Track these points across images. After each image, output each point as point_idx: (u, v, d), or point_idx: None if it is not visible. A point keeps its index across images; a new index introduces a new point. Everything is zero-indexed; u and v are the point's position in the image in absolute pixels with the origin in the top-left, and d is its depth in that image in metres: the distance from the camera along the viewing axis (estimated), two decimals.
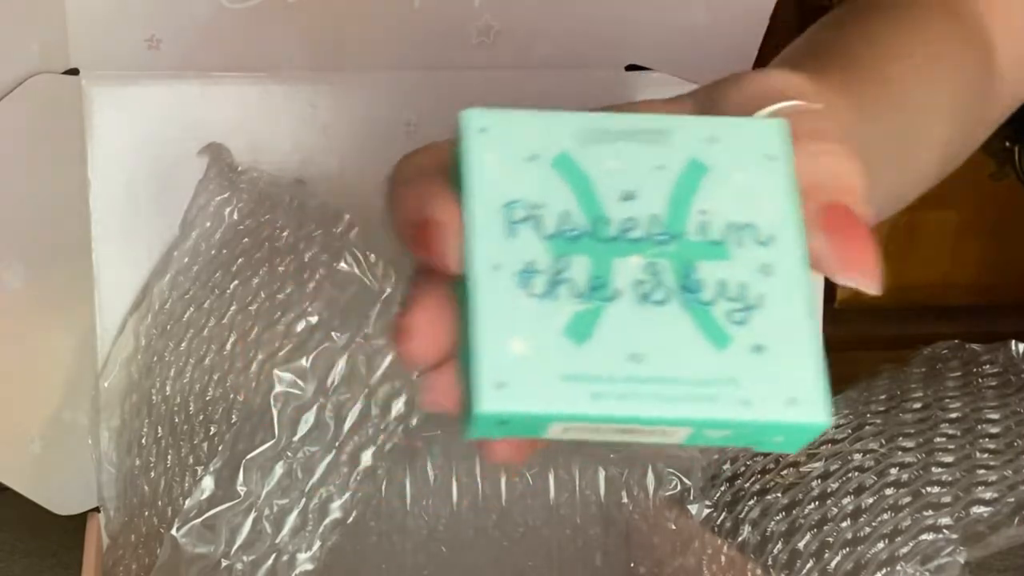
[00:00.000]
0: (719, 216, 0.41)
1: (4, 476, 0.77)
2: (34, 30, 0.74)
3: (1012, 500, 0.67)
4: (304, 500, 0.68)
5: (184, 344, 0.74)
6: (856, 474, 0.72)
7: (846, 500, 0.71)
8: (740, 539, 0.73)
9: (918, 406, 0.75)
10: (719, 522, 0.74)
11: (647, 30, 0.78)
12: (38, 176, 0.76)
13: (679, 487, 0.75)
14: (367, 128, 0.78)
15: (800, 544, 0.70)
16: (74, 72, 0.75)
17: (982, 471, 0.70)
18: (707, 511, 0.75)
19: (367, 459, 0.69)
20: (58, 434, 0.78)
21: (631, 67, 0.78)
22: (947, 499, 0.68)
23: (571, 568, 0.77)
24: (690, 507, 0.75)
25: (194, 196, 0.76)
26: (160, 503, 0.74)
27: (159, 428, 0.74)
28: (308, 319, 0.70)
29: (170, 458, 0.73)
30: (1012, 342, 0.79)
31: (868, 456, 0.72)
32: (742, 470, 0.75)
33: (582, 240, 0.40)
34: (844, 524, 0.70)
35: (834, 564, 0.68)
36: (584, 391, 0.39)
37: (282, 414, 0.68)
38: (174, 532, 0.68)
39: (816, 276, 0.42)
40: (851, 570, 0.68)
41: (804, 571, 0.69)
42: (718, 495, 0.75)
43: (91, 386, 0.78)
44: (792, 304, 0.40)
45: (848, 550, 0.69)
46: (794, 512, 0.72)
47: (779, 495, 0.73)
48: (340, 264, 0.68)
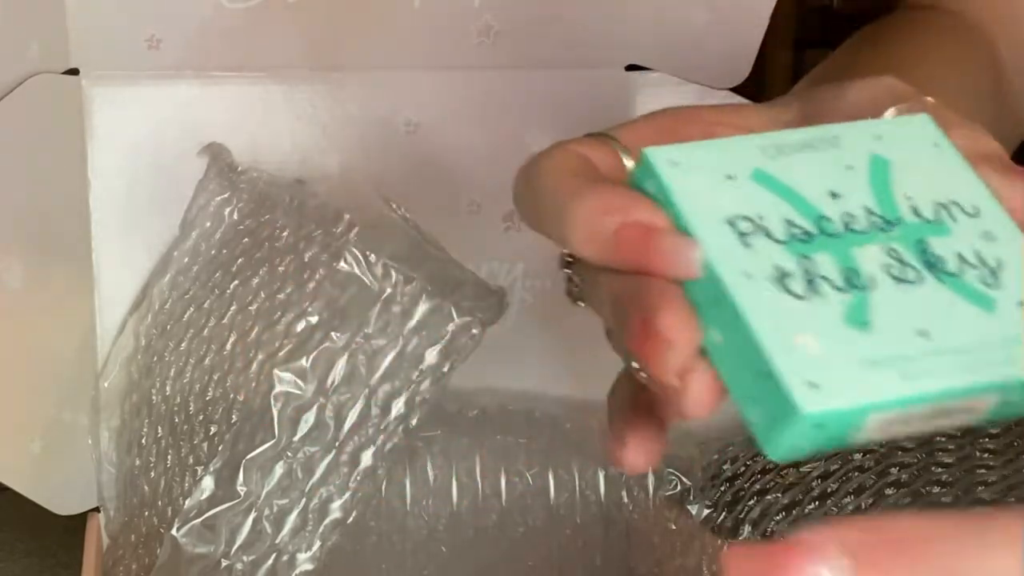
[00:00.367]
0: (923, 198, 0.43)
1: (4, 476, 0.77)
2: (34, 30, 0.74)
3: (1012, 500, 0.67)
4: (304, 500, 0.68)
5: (184, 344, 0.74)
6: (856, 474, 0.72)
7: (846, 500, 0.71)
8: (740, 539, 0.73)
9: None
10: (719, 522, 0.74)
11: (647, 30, 0.78)
12: (38, 176, 0.76)
13: (679, 487, 0.75)
14: (367, 128, 0.78)
15: None
16: (74, 72, 0.75)
17: (982, 471, 0.70)
18: (707, 511, 0.74)
19: (367, 459, 0.69)
20: (58, 434, 0.78)
21: (631, 67, 0.78)
22: (947, 499, 0.68)
23: (571, 568, 0.77)
24: (690, 507, 0.75)
25: (194, 196, 0.76)
26: (160, 503, 0.73)
27: (159, 428, 0.74)
28: (308, 319, 0.69)
29: (170, 458, 0.73)
30: None
31: (868, 456, 0.72)
32: (742, 470, 0.75)
33: (815, 240, 0.42)
34: None
35: None
36: (892, 373, 0.39)
37: (282, 414, 0.68)
38: (174, 532, 0.68)
39: None
40: None
41: None
42: (718, 495, 0.75)
43: (91, 386, 0.77)
44: None
45: None
46: (794, 512, 0.72)
47: (779, 495, 0.73)
48: (340, 264, 0.68)
